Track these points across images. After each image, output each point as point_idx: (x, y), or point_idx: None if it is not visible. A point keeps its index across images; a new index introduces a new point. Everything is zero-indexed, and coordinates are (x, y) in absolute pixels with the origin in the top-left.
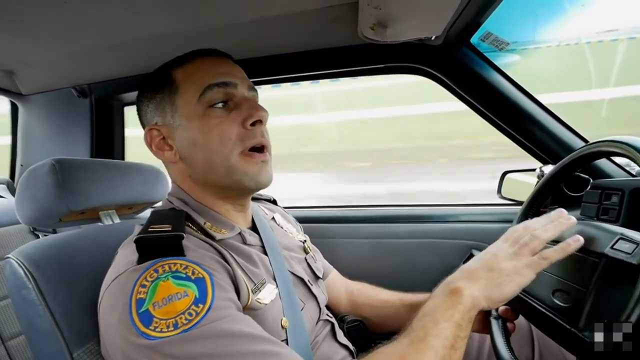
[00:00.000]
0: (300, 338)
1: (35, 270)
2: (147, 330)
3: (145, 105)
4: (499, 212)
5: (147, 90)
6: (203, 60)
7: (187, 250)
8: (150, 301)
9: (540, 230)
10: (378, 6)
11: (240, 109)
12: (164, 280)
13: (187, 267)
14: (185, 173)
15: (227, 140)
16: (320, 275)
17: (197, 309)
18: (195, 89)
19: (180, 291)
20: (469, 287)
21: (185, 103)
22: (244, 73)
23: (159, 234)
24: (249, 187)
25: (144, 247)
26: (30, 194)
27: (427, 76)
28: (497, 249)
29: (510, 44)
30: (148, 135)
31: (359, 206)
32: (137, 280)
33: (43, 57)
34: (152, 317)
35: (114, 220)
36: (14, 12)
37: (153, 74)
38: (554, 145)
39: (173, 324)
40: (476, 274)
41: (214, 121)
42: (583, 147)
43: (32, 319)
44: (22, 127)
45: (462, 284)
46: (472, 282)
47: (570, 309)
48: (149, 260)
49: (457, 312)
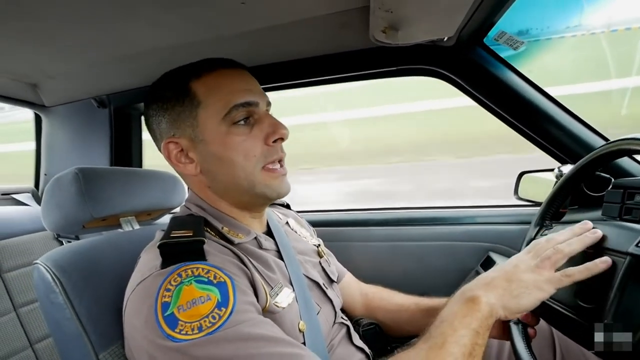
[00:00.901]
0: (317, 341)
1: (62, 275)
2: (173, 333)
3: (159, 116)
4: (516, 214)
5: (162, 101)
6: (222, 73)
7: (208, 254)
8: (175, 305)
9: (564, 244)
10: (389, 9)
11: (262, 125)
12: (187, 284)
13: (209, 271)
14: (204, 184)
15: (251, 157)
16: (334, 279)
17: (220, 313)
18: (219, 107)
19: (203, 295)
20: (486, 296)
21: (209, 119)
22: (259, 85)
23: (180, 239)
24: (271, 198)
25: (167, 252)
26: (55, 202)
27: (440, 77)
28: (518, 261)
29: (525, 42)
30: (166, 148)
31: (373, 209)
32: (162, 284)
33: (65, 70)
34: (178, 320)
35: (133, 227)
36: (38, 28)
37: (167, 84)
38: (572, 144)
39: (198, 327)
40: (494, 282)
41: (238, 138)
42: (604, 146)
43: (60, 322)
44: (46, 137)
45: (480, 292)
46: (490, 290)
47: (594, 309)
48: (172, 265)
49: (475, 320)
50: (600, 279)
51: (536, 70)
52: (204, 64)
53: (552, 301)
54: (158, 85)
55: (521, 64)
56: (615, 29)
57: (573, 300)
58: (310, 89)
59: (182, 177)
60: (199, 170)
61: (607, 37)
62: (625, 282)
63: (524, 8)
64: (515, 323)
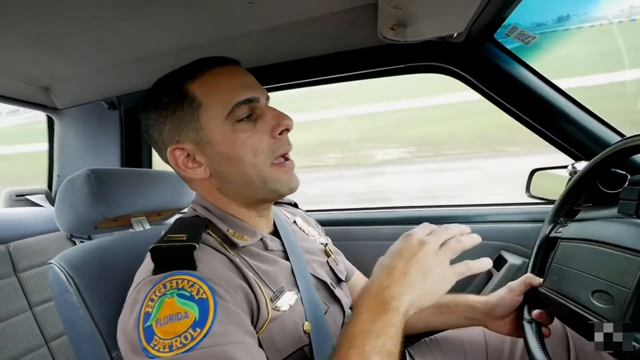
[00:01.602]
0: (324, 341)
1: (76, 275)
2: (147, 346)
3: (160, 124)
4: (528, 212)
5: (161, 109)
6: (217, 71)
7: (200, 262)
8: (155, 317)
9: (464, 237)
10: (398, 6)
11: (265, 118)
12: (169, 297)
13: (194, 284)
14: (214, 186)
15: (260, 153)
16: (342, 278)
17: (193, 334)
18: (221, 106)
19: (181, 311)
20: (403, 298)
21: (212, 120)
22: (255, 79)
23: (172, 243)
24: (283, 194)
25: (158, 256)
26: (68, 203)
27: (450, 74)
28: (423, 242)
29: (537, 37)
30: (172, 155)
31: (381, 208)
32: (148, 294)
33: (76, 73)
34: (154, 335)
35: (144, 227)
36: (50, 33)
37: (162, 90)
38: (587, 140)
39: (169, 346)
40: (411, 278)
41: (244, 135)
42: (620, 142)
43: (74, 321)
44: (58, 139)
45: (396, 293)
46: (407, 290)
47: (611, 310)
48: (161, 273)
49: (392, 326)
50: (619, 277)
51: (547, 65)
52: (197, 64)
53: (567, 300)
54: (153, 93)
55: (533, 56)
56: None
57: (589, 300)
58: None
59: (190, 183)
60: (208, 173)
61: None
62: None
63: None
64: (529, 322)
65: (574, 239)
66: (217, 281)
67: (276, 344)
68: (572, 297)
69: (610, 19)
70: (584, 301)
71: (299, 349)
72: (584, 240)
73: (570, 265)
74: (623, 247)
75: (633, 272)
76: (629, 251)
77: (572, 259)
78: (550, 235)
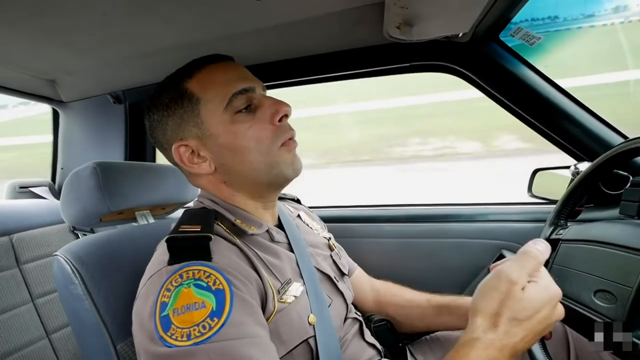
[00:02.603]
0: (328, 334)
1: (81, 267)
2: (164, 335)
3: (163, 124)
4: (529, 211)
5: (162, 109)
6: (212, 67)
7: (215, 253)
8: (172, 307)
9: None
10: (404, 5)
11: (263, 107)
12: (186, 287)
13: (210, 275)
14: (219, 180)
15: (264, 139)
16: (345, 272)
17: (211, 323)
18: (219, 99)
19: (199, 301)
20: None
21: (212, 113)
22: (250, 72)
23: (187, 234)
24: (289, 177)
25: (174, 247)
26: (74, 196)
27: (455, 74)
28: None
29: (542, 38)
30: (177, 152)
31: (384, 205)
32: (164, 284)
33: (82, 66)
34: (171, 324)
35: (148, 220)
36: (57, 26)
37: (161, 92)
38: (589, 141)
39: (187, 335)
40: (515, 332)
41: (245, 125)
42: (623, 143)
43: (79, 312)
44: (63, 132)
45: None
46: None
47: (614, 309)
48: (177, 263)
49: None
50: (622, 277)
51: (552, 65)
52: (192, 64)
53: (569, 300)
54: (153, 96)
55: (537, 55)
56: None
57: (591, 300)
58: None
59: (196, 180)
60: (214, 167)
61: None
62: None
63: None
64: None
65: (575, 240)
66: (232, 272)
67: (282, 336)
68: (574, 297)
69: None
70: (587, 301)
71: (303, 341)
72: (585, 241)
73: (571, 266)
74: (626, 247)
75: (636, 271)
76: (632, 251)
77: (574, 259)
78: (550, 237)
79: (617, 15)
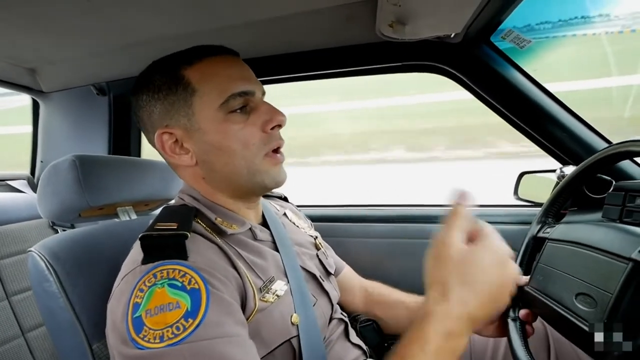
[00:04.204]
0: (312, 334)
1: (56, 264)
2: (136, 337)
3: (151, 106)
4: (516, 214)
5: (153, 91)
6: (216, 60)
7: (191, 252)
8: (144, 307)
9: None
10: (397, 3)
11: (258, 112)
12: (160, 287)
13: (185, 274)
14: (199, 175)
15: (251, 145)
16: (332, 272)
17: (185, 324)
18: (215, 95)
19: (173, 301)
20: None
21: (205, 108)
22: (253, 73)
23: (163, 232)
24: (269, 187)
25: (148, 245)
26: (51, 190)
27: (445, 75)
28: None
29: (532, 41)
30: (159, 139)
31: (373, 205)
32: (137, 284)
33: (65, 55)
34: (143, 325)
35: (130, 217)
36: (39, 12)
37: (156, 73)
38: (575, 145)
39: (160, 336)
40: (480, 297)
41: (236, 126)
42: (607, 148)
43: (54, 311)
44: (43, 123)
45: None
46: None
47: (594, 313)
48: (151, 262)
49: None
50: (603, 281)
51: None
52: (195, 50)
53: (551, 301)
54: (147, 74)
55: (527, 58)
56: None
57: (573, 302)
58: None
59: (175, 169)
60: (195, 161)
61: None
62: (626, 289)
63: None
64: (513, 320)
65: (560, 240)
66: (210, 271)
67: (263, 336)
68: (557, 298)
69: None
70: (568, 303)
71: (286, 341)
72: (570, 242)
73: (555, 266)
74: (607, 252)
75: (616, 276)
76: (613, 256)
77: (558, 260)
78: (537, 235)
79: (607, 25)
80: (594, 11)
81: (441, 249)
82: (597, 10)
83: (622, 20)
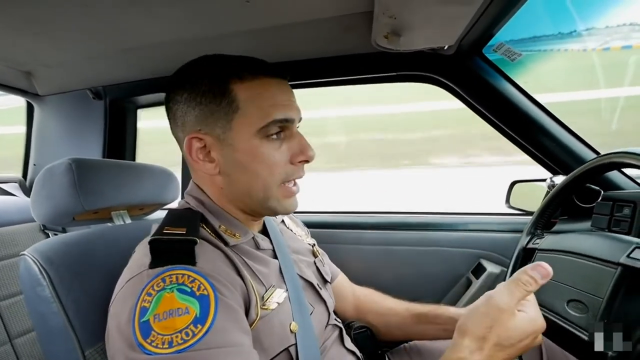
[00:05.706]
0: (309, 342)
1: (50, 268)
2: (144, 342)
3: (189, 107)
4: (508, 222)
5: (196, 93)
6: (266, 81)
7: (199, 258)
8: (152, 312)
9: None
10: (393, 15)
11: (291, 143)
12: (169, 291)
13: (194, 280)
14: (217, 184)
15: (276, 173)
16: (328, 280)
17: (194, 330)
18: (257, 119)
19: (182, 307)
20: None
21: (244, 127)
22: (295, 98)
23: (172, 237)
24: (279, 213)
25: (157, 249)
26: (46, 193)
27: (439, 85)
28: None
29: (522, 54)
30: (189, 142)
31: (367, 212)
32: (145, 288)
33: (61, 59)
34: (151, 330)
35: (125, 221)
36: (36, 15)
37: (204, 76)
38: (565, 156)
39: (168, 342)
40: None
41: (267, 151)
42: (596, 158)
43: (45, 316)
44: (37, 127)
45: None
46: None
47: (585, 318)
48: (159, 267)
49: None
50: (593, 287)
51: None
52: (247, 64)
53: (543, 309)
54: (193, 72)
55: (517, 70)
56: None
57: (564, 309)
58: None
59: (194, 173)
60: (218, 171)
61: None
62: (616, 293)
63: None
64: None
65: (550, 250)
66: (217, 277)
67: (263, 344)
68: (548, 306)
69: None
70: (560, 310)
71: (284, 349)
72: (559, 251)
73: None
74: (597, 259)
75: (606, 282)
76: (602, 262)
77: None
78: (527, 247)
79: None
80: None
81: (495, 313)
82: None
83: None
